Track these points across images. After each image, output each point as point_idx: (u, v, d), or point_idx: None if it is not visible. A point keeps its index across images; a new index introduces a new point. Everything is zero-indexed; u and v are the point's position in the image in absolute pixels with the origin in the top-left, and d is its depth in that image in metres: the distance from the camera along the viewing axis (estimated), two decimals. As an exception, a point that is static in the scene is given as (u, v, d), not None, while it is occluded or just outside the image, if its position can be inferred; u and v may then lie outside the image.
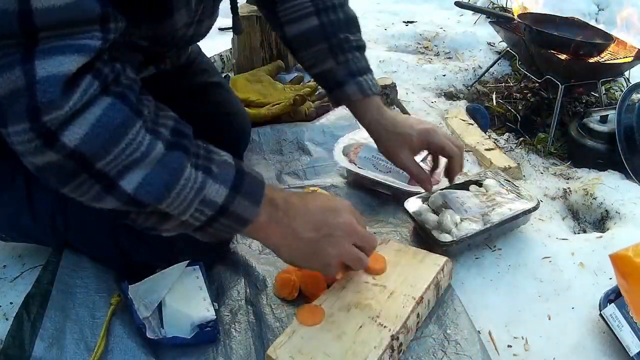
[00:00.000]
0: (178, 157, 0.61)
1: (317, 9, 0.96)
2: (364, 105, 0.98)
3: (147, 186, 0.59)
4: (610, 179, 1.40)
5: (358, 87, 0.96)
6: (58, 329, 0.84)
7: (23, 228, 0.95)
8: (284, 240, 0.73)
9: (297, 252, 0.74)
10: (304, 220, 0.73)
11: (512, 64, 2.16)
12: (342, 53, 0.96)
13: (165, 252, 0.90)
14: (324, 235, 0.74)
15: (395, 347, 0.78)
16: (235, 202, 0.65)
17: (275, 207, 0.71)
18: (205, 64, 1.24)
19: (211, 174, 0.63)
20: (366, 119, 0.99)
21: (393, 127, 0.97)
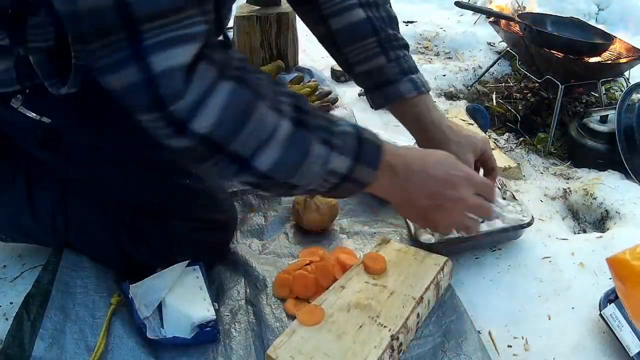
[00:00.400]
0: (304, 136, 0.63)
1: (361, 2, 0.93)
2: (419, 103, 0.95)
3: (280, 165, 0.62)
4: (610, 179, 1.40)
5: (412, 84, 0.94)
6: (58, 329, 0.84)
7: (23, 228, 0.95)
8: (401, 201, 0.78)
9: (411, 213, 0.82)
10: (421, 187, 0.75)
11: (512, 64, 2.16)
12: (392, 50, 0.94)
13: (165, 253, 0.90)
14: (437, 206, 0.77)
15: (395, 347, 0.78)
16: (356, 170, 0.69)
17: (395, 173, 0.73)
18: None
19: (335, 147, 0.66)
20: (422, 116, 0.95)
21: (458, 130, 0.95)
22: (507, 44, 2.03)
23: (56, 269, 0.93)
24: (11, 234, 0.99)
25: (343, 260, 0.97)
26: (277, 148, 0.61)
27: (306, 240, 1.08)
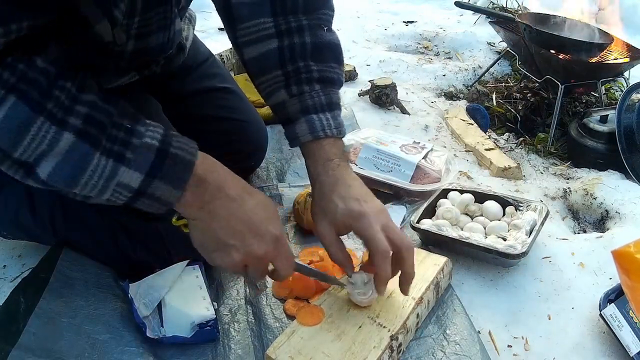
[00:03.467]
0: (83, 148, 0.63)
1: (278, 30, 0.83)
2: (314, 151, 0.82)
3: (56, 175, 0.63)
4: (610, 179, 1.40)
5: (308, 127, 0.81)
6: (55, 312, 0.84)
7: (23, 226, 0.95)
8: (199, 222, 0.71)
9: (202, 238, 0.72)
10: (226, 217, 0.70)
11: (512, 64, 2.16)
12: (296, 84, 0.83)
13: (162, 253, 0.90)
14: (231, 246, 0.70)
15: (395, 347, 0.78)
16: (152, 186, 0.66)
17: (204, 190, 0.69)
18: (217, 68, 1.22)
19: (123, 161, 0.64)
20: (312, 169, 0.83)
21: (329, 190, 0.79)
22: (507, 44, 2.03)
23: (55, 262, 0.93)
24: (11, 231, 1.00)
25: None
26: (54, 159, 0.62)
27: (306, 240, 1.08)
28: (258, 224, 0.71)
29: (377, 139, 1.30)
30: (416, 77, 2.07)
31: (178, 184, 0.67)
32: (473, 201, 1.12)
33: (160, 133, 0.67)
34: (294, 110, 0.83)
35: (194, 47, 1.15)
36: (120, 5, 0.75)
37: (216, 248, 0.72)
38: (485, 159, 1.49)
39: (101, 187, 0.65)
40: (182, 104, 1.13)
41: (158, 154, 0.66)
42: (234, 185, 0.72)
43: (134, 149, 0.65)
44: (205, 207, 0.70)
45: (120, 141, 0.65)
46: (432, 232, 1.02)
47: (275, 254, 0.73)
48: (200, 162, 0.69)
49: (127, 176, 0.65)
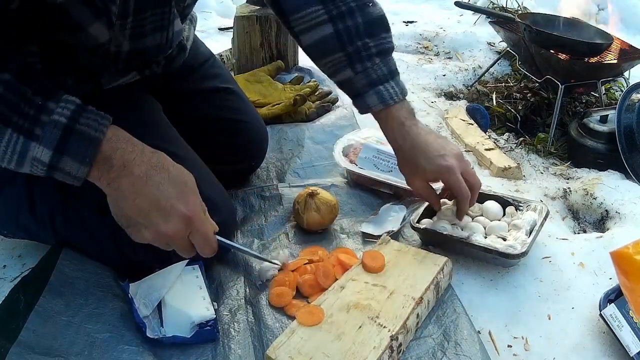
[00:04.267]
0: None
1: (330, 15, 0.92)
2: (387, 118, 0.95)
3: None
4: (610, 179, 1.40)
5: (378, 97, 0.93)
6: (55, 311, 0.84)
7: (23, 226, 0.95)
8: (111, 198, 0.73)
9: (116, 213, 0.75)
10: (131, 195, 0.72)
11: (512, 64, 2.16)
12: (359, 62, 0.93)
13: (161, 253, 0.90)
14: (138, 223, 0.73)
15: (395, 348, 0.78)
16: (62, 162, 0.68)
17: (110, 167, 0.70)
18: (219, 69, 1.22)
19: (33, 137, 0.67)
20: (388, 133, 0.97)
21: (411, 152, 0.94)
22: (507, 44, 2.03)
23: (55, 261, 0.93)
24: (12, 230, 1.00)
25: (343, 260, 0.97)
26: None
27: (306, 240, 1.08)
28: (164, 203, 0.72)
29: (377, 139, 1.30)
30: (416, 77, 2.07)
31: (83, 160, 0.69)
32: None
33: (70, 109, 0.69)
34: (361, 84, 0.94)
35: (195, 48, 1.15)
36: (111, 7, 0.75)
37: (128, 224, 0.74)
38: (485, 159, 1.49)
39: (17, 161, 0.68)
40: (183, 104, 1.13)
41: (64, 131, 0.68)
42: (141, 162, 0.72)
43: (43, 126, 0.67)
44: (112, 184, 0.71)
45: (31, 118, 0.67)
46: (432, 232, 1.02)
47: (188, 232, 0.74)
48: (108, 140, 0.70)
49: (38, 151, 0.67)
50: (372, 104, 0.94)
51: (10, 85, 0.67)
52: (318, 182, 1.24)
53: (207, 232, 0.77)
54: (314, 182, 1.24)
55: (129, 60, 0.88)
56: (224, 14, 2.71)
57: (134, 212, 0.72)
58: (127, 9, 0.78)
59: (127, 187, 0.71)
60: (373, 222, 1.12)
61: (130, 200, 0.72)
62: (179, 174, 0.75)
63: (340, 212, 1.13)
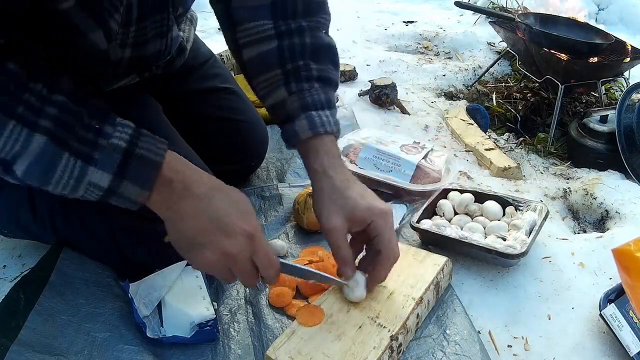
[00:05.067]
0: (52, 149, 0.64)
1: (278, 31, 0.84)
2: (316, 147, 0.81)
3: (30, 174, 0.66)
4: (610, 179, 1.40)
5: (308, 122, 0.80)
6: (55, 310, 0.84)
7: (23, 225, 0.96)
8: (170, 222, 0.72)
9: (175, 237, 0.73)
10: (193, 216, 0.70)
11: (512, 64, 2.16)
12: (296, 81, 0.83)
13: (160, 253, 0.90)
14: (200, 244, 0.70)
15: (395, 348, 0.78)
16: (122, 186, 0.67)
17: (171, 190, 0.69)
18: (219, 69, 1.22)
19: (92, 161, 0.66)
20: (314, 162, 0.80)
21: (343, 185, 0.78)
22: (507, 44, 2.03)
23: (55, 260, 0.93)
24: (12, 230, 1.00)
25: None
26: (27, 159, 0.65)
27: (306, 240, 1.08)
28: (227, 221, 0.70)
29: (377, 139, 1.30)
30: (416, 77, 2.07)
31: (144, 184, 0.68)
32: (473, 201, 1.12)
33: (128, 133, 0.68)
34: (293, 107, 0.82)
35: (195, 48, 1.15)
36: (115, 15, 0.75)
37: (190, 248, 0.72)
38: (485, 159, 1.49)
39: (72, 186, 0.67)
40: (183, 104, 1.13)
41: (124, 155, 0.67)
42: (202, 184, 0.72)
43: (102, 150, 0.66)
44: (173, 207, 0.70)
45: (89, 142, 0.66)
46: (432, 232, 1.02)
47: (252, 251, 0.71)
48: (167, 162, 0.69)
49: (97, 176, 0.66)
50: (300, 130, 0.80)
51: (66, 107, 0.65)
52: (318, 182, 1.24)
53: (270, 251, 0.74)
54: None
55: (129, 66, 0.88)
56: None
57: (196, 232, 0.70)
58: (130, 18, 0.78)
59: (190, 209, 0.70)
60: None
61: (192, 221, 0.70)
62: (235, 194, 0.74)
63: (340, 212, 1.13)
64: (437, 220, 1.08)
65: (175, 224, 0.71)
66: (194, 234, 0.70)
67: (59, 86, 0.67)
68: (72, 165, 0.65)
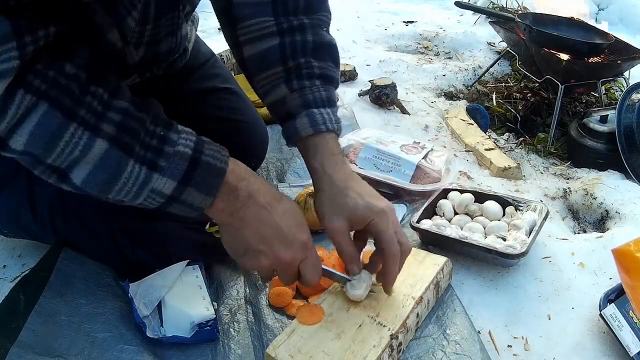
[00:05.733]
0: (117, 155, 0.63)
1: (280, 28, 0.84)
2: (315, 145, 0.81)
3: (90, 181, 0.64)
4: (610, 179, 1.40)
5: (309, 120, 0.80)
6: (55, 310, 0.84)
7: (23, 225, 0.95)
8: (229, 227, 0.73)
9: (231, 242, 0.75)
10: (255, 223, 0.72)
11: (512, 64, 2.16)
12: (297, 79, 0.83)
13: (159, 253, 0.90)
14: (259, 251, 0.73)
15: (395, 347, 0.78)
16: (185, 193, 0.67)
17: (236, 197, 0.70)
18: (219, 69, 1.22)
19: (157, 168, 0.65)
20: (314, 161, 0.81)
21: (343, 185, 0.78)
22: (507, 44, 2.03)
23: (55, 260, 0.93)
24: (12, 230, 1.00)
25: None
26: (88, 165, 0.63)
27: (306, 240, 1.08)
28: (286, 231, 0.73)
29: (377, 139, 1.30)
30: (416, 77, 2.07)
31: (209, 191, 0.68)
32: (473, 201, 1.12)
33: (192, 140, 0.68)
34: (294, 105, 0.82)
35: (196, 48, 1.15)
36: (132, 13, 0.75)
37: (245, 253, 0.74)
38: (485, 159, 1.49)
39: (135, 193, 0.66)
40: (184, 104, 1.13)
41: (191, 162, 0.67)
42: (264, 193, 0.73)
43: (167, 157, 0.66)
44: (236, 214, 0.71)
45: (154, 149, 0.65)
46: (432, 232, 1.02)
47: (303, 260, 0.74)
48: (231, 170, 0.70)
49: (161, 183, 0.66)
50: (301, 127, 0.80)
51: (129, 113, 0.65)
52: (318, 182, 1.24)
53: (319, 260, 0.78)
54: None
55: (140, 65, 0.88)
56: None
57: (257, 240, 0.72)
58: (147, 16, 0.78)
59: (253, 216, 0.71)
60: None
61: (254, 229, 0.72)
62: (292, 205, 0.76)
63: (340, 212, 1.13)
64: (437, 220, 1.08)
65: (237, 230, 0.72)
66: (253, 240, 0.72)
67: (119, 90, 0.66)
68: (137, 172, 0.65)
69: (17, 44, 0.57)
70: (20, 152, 0.62)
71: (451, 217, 1.10)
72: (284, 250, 0.73)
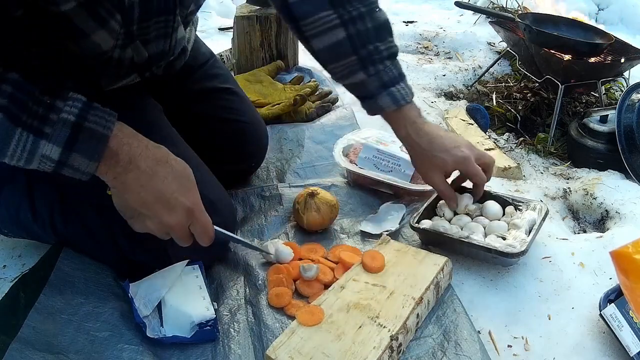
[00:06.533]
0: (6, 124, 0.67)
1: (342, 20, 0.94)
2: (399, 117, 0.99)
3: None
4: (610, 179, 1.40)
5: (391, 98, 0.97)
6: (55, 308, 0.85)
7: (23, 225, 0.96)
8: (116, 191, 0.76)
9: (121, 206, 0.78)
10: (136, 188, 0.75)
11: (512, 64, 2.16)
12: (372, 65, 0.96)
13: (159, 253, 0.90)
14: (142, 214, 0.77)
15: (395, 348, 0.78)
16: (71, 158, 0.70)
17: (116, 162, 0.73)
18: (219, 69, 1.22)
19: (43, 135, 0.69)
20: (401, 132, 1.01)
21: (429, 147, 0.99)
22: (507, 44, 2.03)
23: (55, 260, 0.94)
24: (12, 229, 1.00)
25: (344, 259, 0.97)
26: None
27: (306, 240, 1.08)
28: (168, 196, 0.76)
29: (377, 139, 1.30)
30: (416, 77, 2.07)
31: (92, 156, 0.71)
32: (473, 201, 1.12)
33: (78, 107, 0.70)
34: (374, 86, 0.97)
35: (196, 48, 1.15)
36: (115, 15, 0.76)
37: (132, 215, 0.78)
38: (485, 159, 1.49)
39: (26, 158, 0.69)
40: (184, 104, 1.13)
41: (73, 129, 0.69)
42: (147, 158, 0.75)
43: (52, 124, 0.69)
44: (119, 178, 0.74)
45: (40, 117, 0.68)
46: (432, 232, 1.02)
47: (189, 223, 0.78)
48: (114, 136, 0.72)
49: (48, 149, 0.69)
50: (385, 105, 0.97)
51: (19, 84, 0.68)
52: (318, 182, 1.24)
53: (207, 223, 0.81)
54: (314, 182, 1.24)
55: (131, 65, 0.88)
56: (224, 14, 2.71)
57: (139, 204, 0.76)
58: (131, 18, 0.79)
59: (133, 181, 0.74)
60: (372, 220, 1.12)
61: (135, 194, 0.75)
62: (180, 168, 0.79)
63: (340, 212, 1.13)
64: (437, 220, 1.08)
65: (120, 193, 0.76)
66: (136, 205, 0.76)
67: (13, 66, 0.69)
68: (25, 139, 0.68)
69: None
70: None
71: (451, 217, 1.10)
72: (167, 214, 0.76)
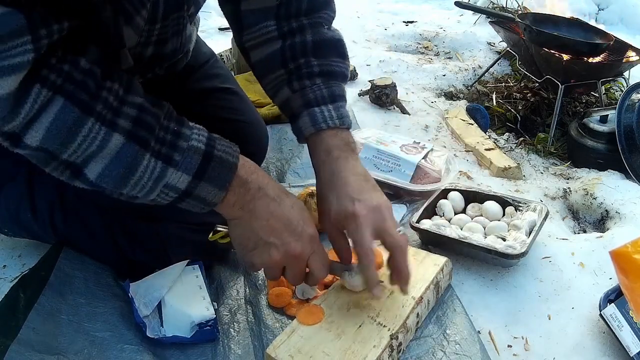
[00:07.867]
0: (134, 149, 0.64)
1: (281, 32, 0.86)
2: (316, 143, 0.82)
3: (106, 176, 0.64)
4: (610, 179, 1.40)
5: (310, 119, 0.81)
6: (55, 308, 0.84)
7: (24, 224, 0.96)
8: (239, 220, 0.73)
9: (240, 237, 0.75)
10: (265, 215, 0.72)
11: (512, 64, 2.16)
12: (298, 80, 0.84)
13: (159, 253, 0.90)
14: (268, 244, 0.73)
15: (395, 347, 0.78)
16: (199, 187, 0.68)
17: (246, 190, 0.71)
18: (219, 69, 1.22)
19: (172, 163, 0.66)
20: (313, 161, 0.83)
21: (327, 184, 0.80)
22: (507, 44, 2.03)
23: (55, 260, 0.93)
24: (12, 228, 1.00)
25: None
26: (104, 160, 0.63)
27: (306, 240, 1.08)
28: (295, 223, 0.73)
29: (377, 139, 1.30)
30: (416, 77, 2.07)
31: (222, 185, 0.69)
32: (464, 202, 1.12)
33: (205, 136, 0.69)
34: (296, 105, 0.84)
35: (197, 48, 1.15)
36: (142, 12, 0.75)
37: (255, 246, 0.74)
38: (485, 159, 1.49)
39: (149, 187, 0.66)
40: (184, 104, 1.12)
41: (204, 157, 0.68)
42: (273, 187, 0.74)
43: (182, 151, 0.66)
44: (246, 207, 0.72)
45: (169, 143, 0.66)
46: (432, 232, 1.02)
47: (311, 253, 0.75)
48: (242, 164, 0.71)
49: (175, 177, 0.66)
50: (304, 126, 0.82)
51: (145, 108, 0.66)
52: (318, 182, 1.24)
53: (326, 255, 0.78)
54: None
55: (147, 64, 0.88)
56: (224, 14, 2.71)
57: (267, 232, 0.73)
58: (156, 15, 0.79)
59: (263, 208, 0.72)
60: None
61: (264, 221, 0.72)
62: (297, 200, 0.77)
63: (340, 212, 1.13)
64: (437, 220, 1.08)
65: (248, 223, 0.73)
66: (264, 232, 0.72)
67: (133, 87, 0.66)
68: (153, 166, 0.65)
69: (32, 38, 0.56)
70: (34, 148, 0.61)
71: (451, 217, 1.10)
72: (294, 242, 0.73)
